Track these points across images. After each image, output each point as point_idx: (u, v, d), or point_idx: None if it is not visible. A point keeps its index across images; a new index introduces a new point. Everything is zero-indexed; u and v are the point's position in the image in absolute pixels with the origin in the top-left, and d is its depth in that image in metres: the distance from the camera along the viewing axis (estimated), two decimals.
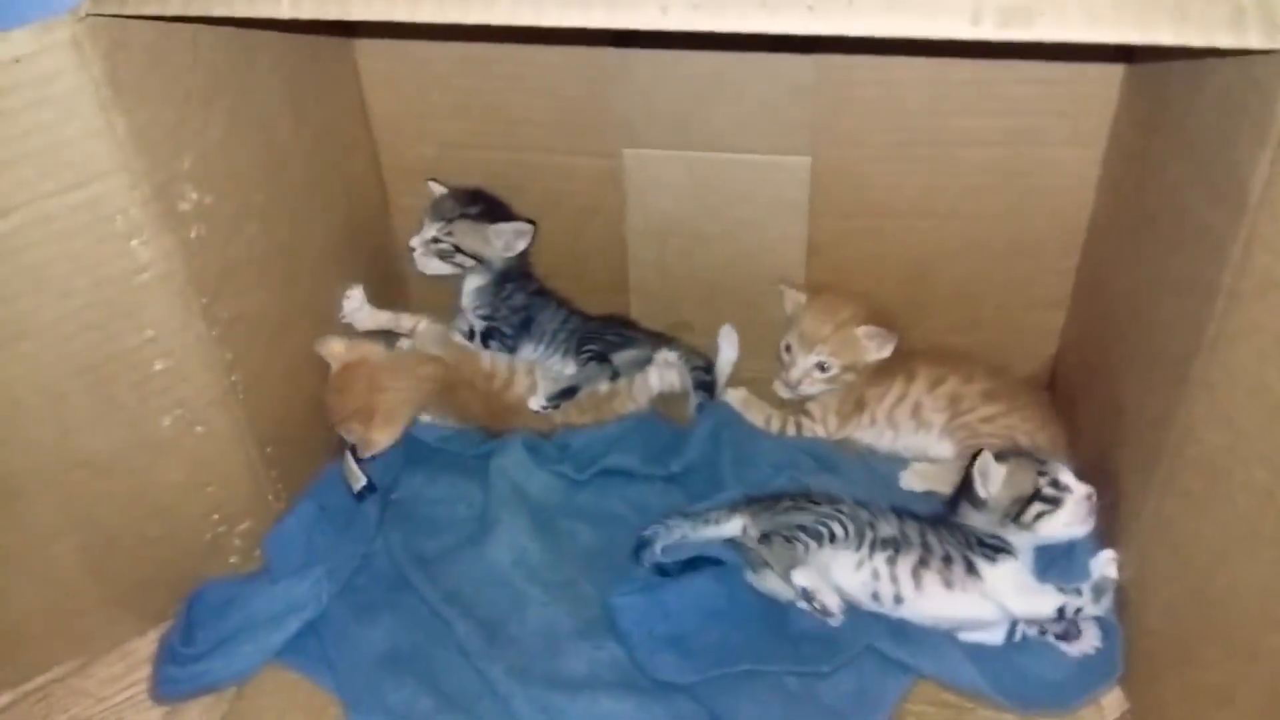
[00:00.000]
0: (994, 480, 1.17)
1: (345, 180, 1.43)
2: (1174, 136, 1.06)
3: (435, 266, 1.50)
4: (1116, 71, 1.23)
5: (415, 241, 1.48)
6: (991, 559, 1.14)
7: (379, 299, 1.48)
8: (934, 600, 1.14)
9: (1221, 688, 0.98)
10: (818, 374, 1.43)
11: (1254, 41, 0.79)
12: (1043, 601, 1.13)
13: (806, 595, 1.14)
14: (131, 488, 1.16)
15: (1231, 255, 0.89)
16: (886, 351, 1.41)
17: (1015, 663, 1.14)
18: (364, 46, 1.41)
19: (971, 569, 1.14)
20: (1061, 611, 1.12)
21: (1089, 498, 1.16)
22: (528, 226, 1.47)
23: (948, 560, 1.15)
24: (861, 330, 1.40)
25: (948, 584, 1.14)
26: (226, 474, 1.23)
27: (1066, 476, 1.17)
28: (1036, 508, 1.16)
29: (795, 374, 1.44)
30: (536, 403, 1.45)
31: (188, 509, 1.22)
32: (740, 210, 1.45)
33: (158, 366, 1.10)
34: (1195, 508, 1.00)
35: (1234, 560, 0.94)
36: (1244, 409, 0.90)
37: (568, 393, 1.45)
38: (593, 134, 1.42)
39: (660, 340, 1.55)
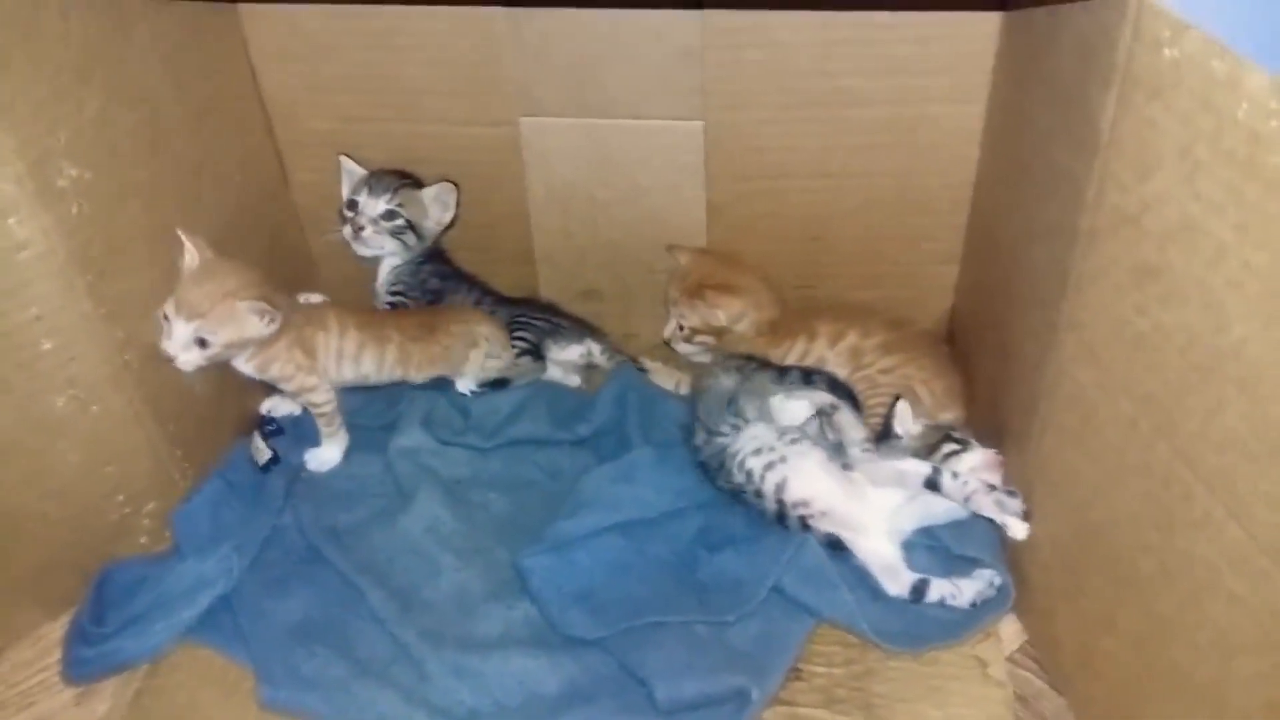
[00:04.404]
0: (904, 420, 1.26)
1: (238, 156, 1.41)
2: (1041, 86, 1.10)
3: (380, 245, 1.48)
4: (993, 28, 1.25)
5: (364, 220, 1.45)
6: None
7: (285, 276, 1.46)
8: (811, 459, 1.23)
9: (1105, 615, 1.02)
10: (679, 333, 1.49)
11: None
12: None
13: None
14: (28, 470, 1.15)
15: (1087, 197, 0.92)
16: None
17: (912, 608, 1.18)
18: (251, 19, 1.39)
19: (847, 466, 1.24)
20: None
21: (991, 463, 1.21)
22: (451, 186, 1.47)
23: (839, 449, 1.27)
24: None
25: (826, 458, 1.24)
26: (127, 453, 1.22)
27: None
28: (947, 448, 1.22)
29: (666, 332, 1.51)
30: (465, 386, 1.46)
31: (89, 490, 1.21)
32: (639, 175, 1.46)
33: (46, 346, 1.09)
34: (1071, 443, 1.04)
35: (1107, 491, 0.98)
36: (1107, 344, 0.94)
37: (498, 384, 1.47)
38: (490, 103, 1.42)
39: (585, 329, 1.56)
